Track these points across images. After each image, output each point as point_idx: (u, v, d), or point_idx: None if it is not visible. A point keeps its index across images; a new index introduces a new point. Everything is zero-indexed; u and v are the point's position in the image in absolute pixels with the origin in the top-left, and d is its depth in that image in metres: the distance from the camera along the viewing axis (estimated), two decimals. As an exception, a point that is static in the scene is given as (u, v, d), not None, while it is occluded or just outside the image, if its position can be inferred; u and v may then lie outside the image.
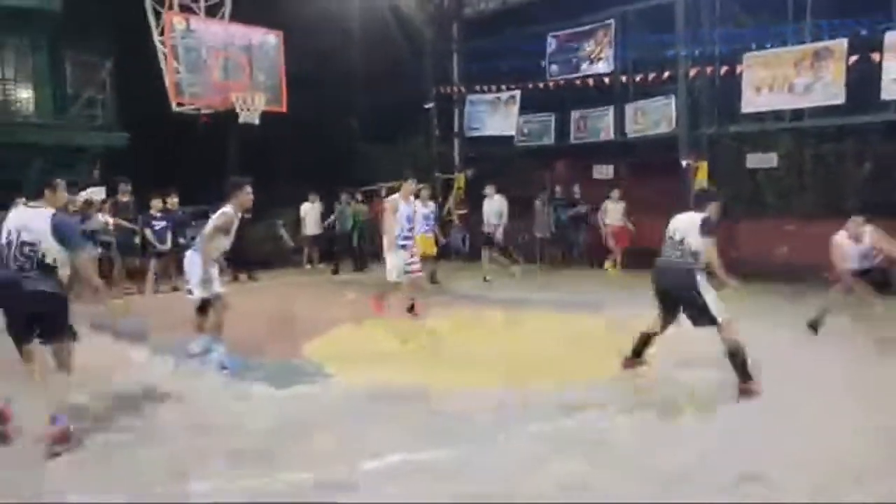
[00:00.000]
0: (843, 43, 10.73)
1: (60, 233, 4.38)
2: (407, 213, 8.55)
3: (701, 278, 5.27)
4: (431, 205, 11.32)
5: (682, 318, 5.49)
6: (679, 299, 5.43)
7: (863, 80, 10.63)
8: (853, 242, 6.90)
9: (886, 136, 11.75)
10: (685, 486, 3.60)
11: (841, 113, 11.28)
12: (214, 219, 6.27)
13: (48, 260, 4.36)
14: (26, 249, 4.33)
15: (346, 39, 17.94)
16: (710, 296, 5.19)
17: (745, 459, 3.83)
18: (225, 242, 6.34)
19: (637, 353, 5.74)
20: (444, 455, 4.09)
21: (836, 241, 7.03)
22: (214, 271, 6.29)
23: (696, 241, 5.32)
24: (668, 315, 5.59)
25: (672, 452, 4.02)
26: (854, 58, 10.52)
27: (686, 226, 5.43)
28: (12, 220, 4.47)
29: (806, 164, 12.76)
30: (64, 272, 4.52)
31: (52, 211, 4.47)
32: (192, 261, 6.37)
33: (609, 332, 6.91)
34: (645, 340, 5.70)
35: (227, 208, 6.22)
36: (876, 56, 10.28)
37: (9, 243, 4.37)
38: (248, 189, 6.31)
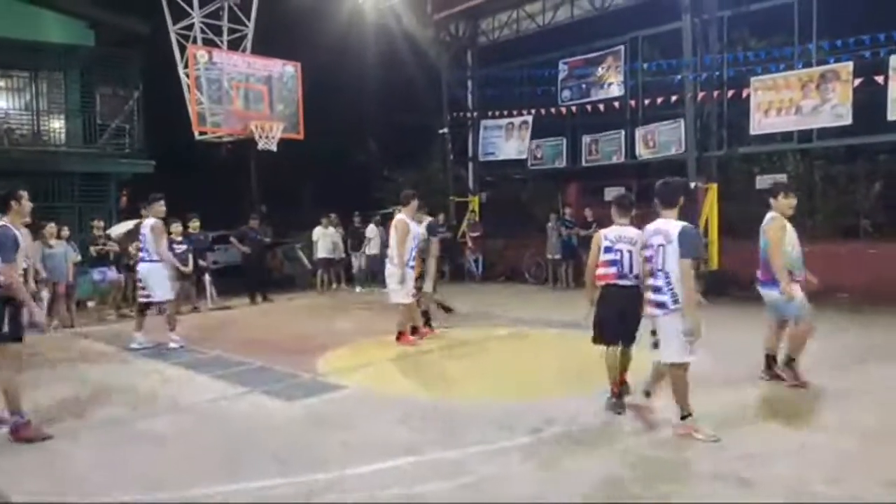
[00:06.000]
0: (848, 65, 10.89)
1: None
2: (416, 232, 8.07)
3: None
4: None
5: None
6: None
7: (869, 101, 10.77)
8: None
9: (895, 156, 11.82)
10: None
11: (849, 134, 11.41)
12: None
13: None
14: None
15: (363, 68, 18.49)
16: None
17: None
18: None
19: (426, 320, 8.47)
20: (449, 456, 4.32)
21: None
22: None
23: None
24: None
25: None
26: (859, 80, 10.66)
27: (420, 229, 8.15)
28: None
29: (816, 185, 12.85)
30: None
31: None
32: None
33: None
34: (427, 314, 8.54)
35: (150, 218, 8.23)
36: (880, 78, 10.42)
37: None
38: (160, 202, 8.21)
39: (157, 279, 8.18)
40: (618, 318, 5.05)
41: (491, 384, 6.34)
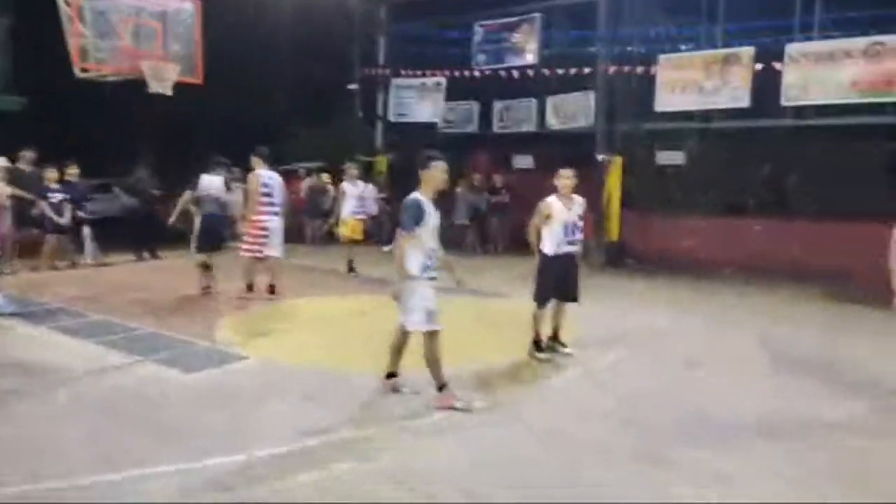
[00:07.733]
0: (750, 50, 11.36)
1: None
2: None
3: None
4: (361, 185, 11.14)
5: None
6: None
7: (767, 86, 11.30)
8: None
9: (786, 140, 12.53)
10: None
11: (746, 116, 11.97)
12: None
13: None
14: None
15: (272, 14, 17.32)
16: None
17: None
18: None
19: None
20: (362, 435, 4.13)
21: None
22: None
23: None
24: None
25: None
26: (759, 65, 11.15)
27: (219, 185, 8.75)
28: None
29: (712, 164, 13.44)
30: None
31: None
32: None
33: (509, 317, 6.99)
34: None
35: None
36: (778, 65, 10.93)
37: None
38: None
39: None
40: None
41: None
